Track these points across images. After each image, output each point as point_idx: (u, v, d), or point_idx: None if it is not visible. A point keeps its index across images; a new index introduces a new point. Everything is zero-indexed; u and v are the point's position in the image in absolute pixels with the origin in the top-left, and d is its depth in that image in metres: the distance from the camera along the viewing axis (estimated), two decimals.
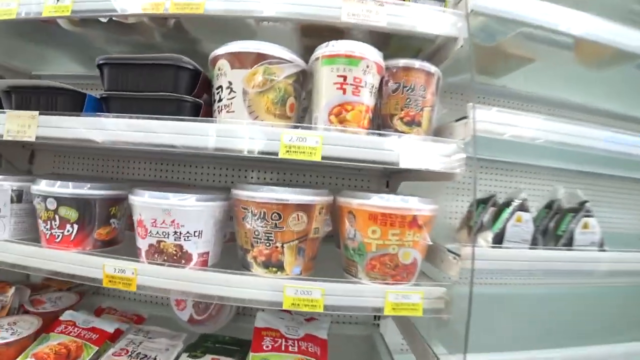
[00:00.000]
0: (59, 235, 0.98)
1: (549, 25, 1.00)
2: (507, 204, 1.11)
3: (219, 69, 0.89)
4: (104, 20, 1.14)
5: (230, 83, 0.86)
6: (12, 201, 1.08)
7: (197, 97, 0.95)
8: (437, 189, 1.39)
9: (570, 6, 1.03)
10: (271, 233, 0.84)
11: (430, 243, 0.87)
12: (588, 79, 1.63)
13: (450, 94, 1.40)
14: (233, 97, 0.86)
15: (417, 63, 0.92)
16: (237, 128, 0.83)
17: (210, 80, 0.95)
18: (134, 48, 1.40)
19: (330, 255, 1.03)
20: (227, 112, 0.87)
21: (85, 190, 0.97)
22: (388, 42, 1.05)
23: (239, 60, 0.86)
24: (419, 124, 0.92)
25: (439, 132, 1.01)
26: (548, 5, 1.00)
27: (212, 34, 1.17)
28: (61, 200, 0.96)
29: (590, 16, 1.05)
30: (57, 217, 0.97)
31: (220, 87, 0.89)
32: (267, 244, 0.85)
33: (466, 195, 1.54)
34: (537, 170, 1.67)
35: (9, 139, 0.98)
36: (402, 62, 0.91)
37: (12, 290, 1.25)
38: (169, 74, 0.91)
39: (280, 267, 0.87)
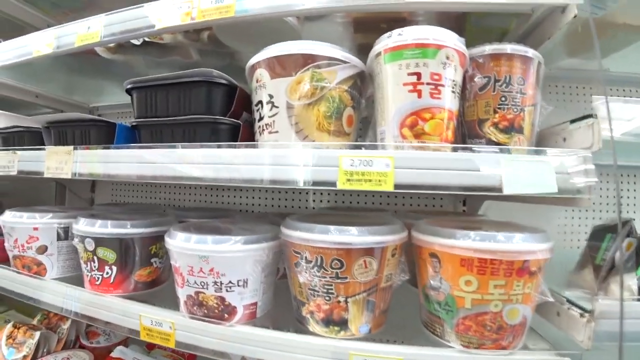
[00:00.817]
0: (98, 278, 0.91)
1: None
2: None
3: (257, 81, 0.74)
4: (137, 42, 1.07)
5: (270, 96, 0.70)
6: (58, 238, 1.04)
7: (234, 116, 0.81)
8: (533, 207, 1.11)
9: None
10: (331, 285, 0.66)
11: (551, 299, 0.63)
12: None
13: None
14: (275, 114, 0.70)
15: (509, 47, 0.68)
16: (277, 153, 0.66)
17: (250, 95, 0.80)
18: (176, 70, 1.34)
19: (403, 297, 0.82)
20: (270, 132, 0.71)
21: (122, 229, 0.88)
22: (462, 26, 0.83)
23: (280, 66, 0.69)
24: (520, 130, 0.68)
25: (543, 138, 0.76)
26: None
27: (251, 43, 1.03)
28: (99, 241, 0.89)
29: None
30: (95, 258, 0.89)
31: (260, 102, 0.73)
32: (327, 298, 0.67)
33: (582, 212, 1.22)
34: None
35: (49, 176, 0.93)
36: (489, 48, 0.68)
37: (68, 323, 1.27)
38: (200, 92, 0.77)
39: (343, 325, 0.67)
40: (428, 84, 0.62)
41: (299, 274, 0.69)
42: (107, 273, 0.89)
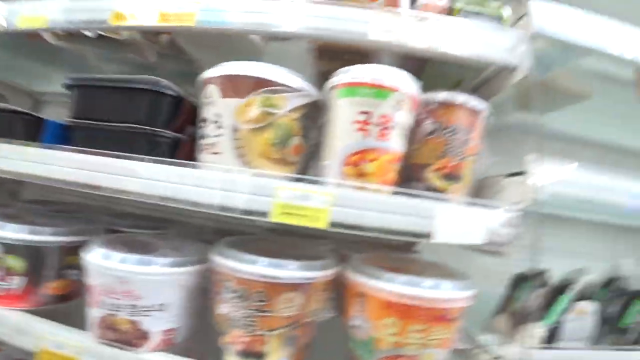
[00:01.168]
0: (4, 288, 0.79)
1: (608, 50, 0.79)
2: (563, 287, 0.87)
3: (206, 97, 0.70)
4: (90, 34, 1.01)
5: (218, 116, 0.67)
6: None
7: (178, 128, 0.77)
8: None
9: None
10: (253, 318, 0.62)
11: (463, 348, 0.65)
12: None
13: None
14: (220, 135, 0.66)
15: (460, 98, 0.70)
16: (209, 176, 0.63)
17: (196, 108, 0.76)
18: (131, 68, 1.27)
19: (331, 328, 0.80)
20: (212, 153, 0.67)
21: (37, 236, 0.79)
22: (422, 68, 0.85)
23: (232, 86, 0.66)
24: (458, 179, 0.70)
25: (482, 187, 0.79)
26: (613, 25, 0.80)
27: (212, 54, 1.00)
28: (8, 247, 0.78)
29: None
30: (3, 267, 0.79)
31: (206, 119, 0.69)
32: (247, 330, 0.63)
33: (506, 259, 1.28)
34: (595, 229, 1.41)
35: None
36: (441, 95, 0.70)
37: None
38: (144, 100, 0.72)
39: (261, 358, 0.64)
40: (377, 124, 0.62)
41: (220, 302, 0.65)
42: (16, 284, 0.79)
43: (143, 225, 1.01)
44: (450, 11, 0.72)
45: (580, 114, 1.33)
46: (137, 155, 0.65)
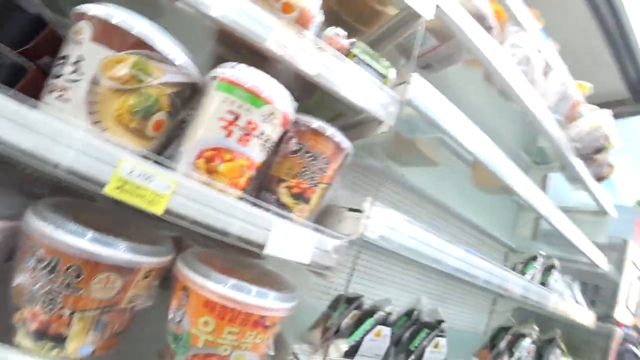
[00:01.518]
0: None
1: (454, 135, 0.99)
2: (372, 312, 1.03)
3: (75, 32, 0.60)
4: None
5: (80, 58, 0.58)
6: None
7: (32, 54, 0.64)
8: None
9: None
10: (59, 294, 0.56)
11: (272, 354, 0.70)
12: (473, 195, 1.78)
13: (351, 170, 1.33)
14: (76, 81, 0.58)
15: (330, 130, 0.77)
16: (49, 122, 0.53)
17: (60, 40, 0.65)
18: None
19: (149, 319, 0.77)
20: (59, 98, 0.58)
21: None
22: (312, 92, 0.90)
23: (108, 33, 0.58)
24: (307, 201, 0.77)
25: (328, 213, 0.88)
26: (463, 119, 1.00)
27: None
28: None
29: (489, 141, 1.10)
30: None
31: (66, 57, 0.60)
32: (48, 307, 0.56)
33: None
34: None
35: None
36: (316, 123, 0.75)
37: None
38: None
39: (60, 342, 0.58)
40: (242, 128, 0.63)
41: (22, 271, 0.56)
42: None
43: None
44: (347, 53, 0.79)
45: (432, 175, 1.60)
46: None
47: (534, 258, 1.64)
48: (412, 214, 1.66)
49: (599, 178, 1.77)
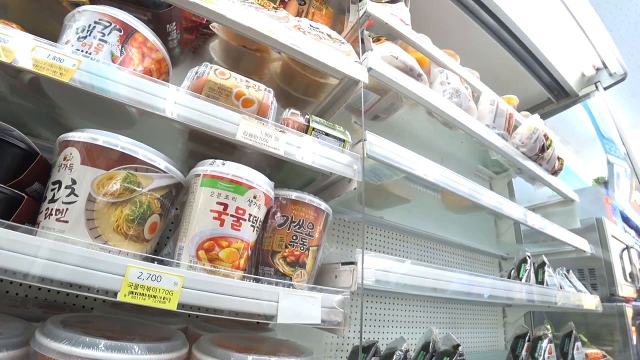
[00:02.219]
0: None
1: (414, 172, 1.10)
2: (390, 355, 1.05)
3: (65, 158, 0.68)
4: None
5: (73, 181, 0.65)
6: None
7: (22, 185, 0.70)
8: None
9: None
10: None
11: None
12: (451, 218, 1.89)
13: (335, 227, 1.41)
14: (73, 202, 0.64)
15: (307, 197, 0.86)
16: (59, 248, 0.58)
17: (50, 167, 0.72)
18: None
19: None
20: (59, 220, 0.64)
21: None
22: (282, 165, 1.00)
23: (96, 155, 0.66)
24: (303, 265, 0.82)
25: (323, 272, 0.94)
26: (417, 157, 1.12)
27: (80, 106, 0.96)
28: None
29: (443, 168, 1.22)
30: None
31: (59, 182, 0.66)
32: None
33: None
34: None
35: None
36: (294, 194, 0.84)
37: None
38: None
39: None
40: (232, 215, 0.71)
41: None
42: None
43: None
44: (306, 127, 0.91)
45: (408, 210, 1.70)
46: None
47: (524, 260, 1.71)
48: (401, 251, 1.73)
49: (554, 172, 1.94)
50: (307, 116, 0.93)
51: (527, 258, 1.71)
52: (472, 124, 1.44)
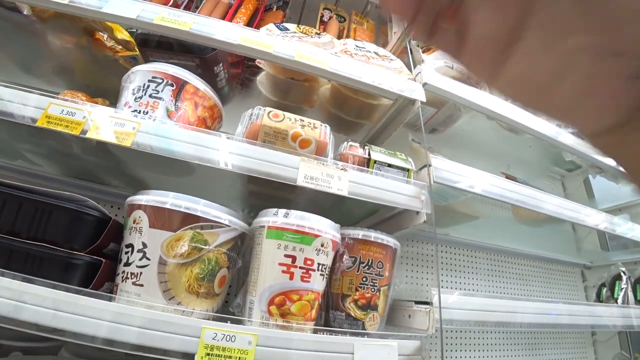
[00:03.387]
0: None
1: (483, 193, 0.99)
2: None
3: (134, 222, 0.70)
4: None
5: (144, 245, 0.67)
6: None
7: (101, 247, 0.73)
8: None
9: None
10: None
11: None
12: (523, 228, 1.72)
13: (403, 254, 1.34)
14: (145, 266, 0.65)
15: (373, 235, 0.80)
16: (137, 314, 0.59)
17: (122, 227, 0.75)
18: (49, 152, 1.19)
19: None
20: (134, 284, 0.65)
21: None
22: (345, 198, 0.96)
23: (162, 217, 0.68)
24: (375, 307, 0.77)
25: (395, 310, 0.88)
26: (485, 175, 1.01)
27: (143, 161, 1.01)
28: None
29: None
30: None
31: (131, 246, 0.68)
32: None
33: None
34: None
35: None
36: (360, 233, 0.79)
37: None
38: (62, 218, 0.68)
39: None
40: (301, 267, 0.68)
41: None
42: None
43: None
44: (367, 161, 0.85)
45: (476, 225, 1.58)
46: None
47: (619, 277, 1.49)
48: (470, 267, 1.60)
49: None
50: (367, 147, 0.88)
51: (622, 274, 1.49)
52: (540, 127, 1.29)
